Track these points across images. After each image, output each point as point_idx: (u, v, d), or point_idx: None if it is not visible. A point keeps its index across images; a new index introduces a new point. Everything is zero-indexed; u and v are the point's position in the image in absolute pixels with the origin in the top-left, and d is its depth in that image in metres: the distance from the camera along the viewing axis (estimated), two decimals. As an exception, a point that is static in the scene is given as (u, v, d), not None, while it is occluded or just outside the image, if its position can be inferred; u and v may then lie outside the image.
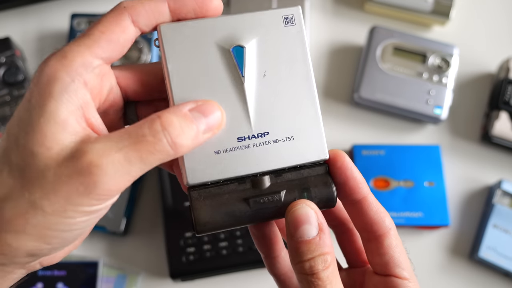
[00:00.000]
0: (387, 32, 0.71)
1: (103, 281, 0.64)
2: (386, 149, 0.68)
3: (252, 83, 0.30)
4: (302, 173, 0.30)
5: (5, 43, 0.70)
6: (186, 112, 0.27)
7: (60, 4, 0.75)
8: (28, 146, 0.25)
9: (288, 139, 0.30)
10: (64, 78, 0.26)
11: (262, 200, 0.29)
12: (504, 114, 0.69)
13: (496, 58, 0.74)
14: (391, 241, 0.30)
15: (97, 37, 0.27)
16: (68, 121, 0.25)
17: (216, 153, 0.29)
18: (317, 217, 0.28)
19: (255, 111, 0.29)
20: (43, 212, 0.24)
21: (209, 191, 0.29)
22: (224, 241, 0.62)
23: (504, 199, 0.66)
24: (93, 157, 0.24)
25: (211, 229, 0.29)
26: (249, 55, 0.30)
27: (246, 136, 0.29)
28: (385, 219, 0.31)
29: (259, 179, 0.29)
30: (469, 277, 0.66)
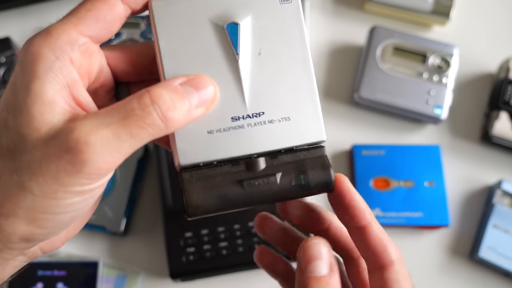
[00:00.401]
0: (387, 32, 0.71)
1: (103, 281, 0.64)
2: (386, 149, 0.68)
3: (247, 61, 0.29)
4: (299, 155, 0.29)
5: (5, 43, 0.70)
6: (177, 86, 0.26)
7: (60, 4, 0.75)
8: (16, 129, 0.24)
9: (284, 120, 0.29)
10: (49, 56, 0.25)
11: (257, 182, 0.28)
12: (504, 114, 0.69)
13: (496, 58, 0.74)
14: (391, 275, 0.29)
15: (83, 14, 0.26)
16: (55, 100, 0.25)
17: (209, 133, 0.28)
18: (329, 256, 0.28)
19: (250, 90, 0.28)
20: (32, 195, 0.24)
21: (201, 172, 0.28)
22: (224, 241, 0.62)
23: (504, 199, 0.66)
24: (81, 134, 0.23)
25: (203, 212, 0.28)
26: (243, 33, 0.29)
27: (240, 116, 0.28)
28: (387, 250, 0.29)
29: (254, 161, 0.28)
30: (469, 277, 0.66)
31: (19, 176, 0.24)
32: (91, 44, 0.27)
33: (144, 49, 0.30)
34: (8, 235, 0.24)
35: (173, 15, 0.28)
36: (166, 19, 0.28)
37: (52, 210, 0.24)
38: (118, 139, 0.24)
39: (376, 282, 0.29)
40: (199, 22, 0.28)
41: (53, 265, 0.63)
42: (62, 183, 0.24)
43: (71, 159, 0.23)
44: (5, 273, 0.27)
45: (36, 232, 0.25)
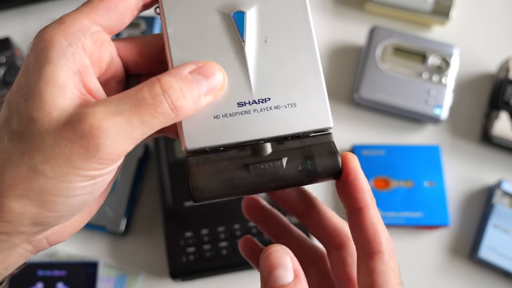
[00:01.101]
0: (387, 32, 0.71)
1: (103, 281, 0.64)
2: (386, 149, 0.68)
3: (253, 48, 0.29)
4: (305, 141, 0.29)
5: (5, 43, 0.70)
6: (186, 74, 0.26)
7: (60, 4, 0.75)
8: (27, 112, 0.25)
9: (290, 106, 0.29)
10: (62, 42, 0.26)
11: (263, 167, 0.28)
12: (504, 114, 0.69)
13: (496, 58, 0.74)
14: (378, 266, 0.28)
15: (95, 4, 0.27)
16: (66, 85, 0.25)
17: (215, 118, 0.28)
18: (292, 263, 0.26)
19: (256, 76, 0.29)
20: (45, 177, 0.24)
21: (208, 157, 0.28)
22: (224, 241, 0.62)
23: (504, 199, 0.66)
24: (94, 120, 0.24)
25: (209, 196, 0.28)
26: (250, 21, 0.29)
27: (246, 101, 0.28)
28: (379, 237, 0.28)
29: (260, 146, 0.28)
30: (469, 277, 0.66)
31: (31, 159, 0.24)
32: (103, 33, 0.28)
33: (154, 40, 0.31)
34: (19, 217, 0.25)
35: (181, 4, 0.29)
36: (174, 7, 0.29)
37: (63, 193, 0.25)
38: (130, 126, 0.24)
39: (362, 272, 0.29)
40: (207, 11, 0.29)
41: (53, 265, 0.63)
42: (74, 166, 0.24)
43: (85, 144, 0.24)
44: (10, 261, 0.27)
45: (47, 215, 0.25)
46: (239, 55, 0.29)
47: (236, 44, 0.29)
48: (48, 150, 0.24)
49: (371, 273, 0.28)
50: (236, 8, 0.29)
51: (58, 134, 0.24)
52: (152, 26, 0.71)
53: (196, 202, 0.28)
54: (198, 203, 0.28)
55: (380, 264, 0.28)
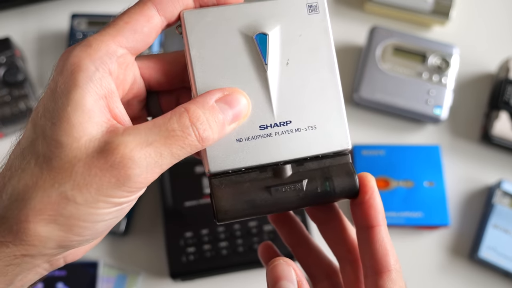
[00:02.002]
0: (387, 32, 0.71)
1: (103, 281, 0.64)
2: (386, 149, 0.68)
3: (275, 71, 0.29)
4: (324, 163, 0.30)
5: (5, 43, 0.70)
6: (213, 104, 0.27)
7: (60, 4, 0.75)
8: (55, 136, 0.25)
9: (310, 128, 0.29)
10: (89, 67, 0.26)
11: (284, 189, 0.29)
12: (504, 114, 0.69)
13: (496, 58, 0.74)
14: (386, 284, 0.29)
15: (121, 27, 0.27)
16: (94, 110, 0.25)
17: (238, 141, 0.29)
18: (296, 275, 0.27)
19: (278, 99, 0.29)
20: (74, 204, 0.24)
21: (230, 179, 0.29)
22: (224, 241, 0.62)
23: (504, 199, 0.66)
24: (126, 151, 0.24)
25: (232, 217, 0.29)
26: (272, 43, 0.29)
27: (268, 124, 0.29)
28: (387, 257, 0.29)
29: (281, 168, 0.29)
30: (469, 277, 0.66)
31: (61, 185, 0.24)
32: (128, 56, 0.28)
33: (175, 57, 0.31)
34: (45, 241, 0.25)
35: (204, 25, 0.29)
36: (197, 29, 0.29)
37: (91, 218, 0.25)
38: (160, 156, 0.25)
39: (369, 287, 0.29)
40: (229, 32, 0.29)
41: (53, 265, 0.63)
42: (104, 194, 0.25)
43: (116, 173, 0.24)
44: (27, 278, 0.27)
45: (73, 239, 0.26)
46: (262, 78, 0.29)
47: (258, 67, 0.29)
48: (79, 177, 0.24)
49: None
50: (259, 29, 0.29)
51: (89, 161, 0.25)
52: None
53: (219, 222, 0.29)
54: (221, 223, 0.29)
55: (389, 282, 0.29)
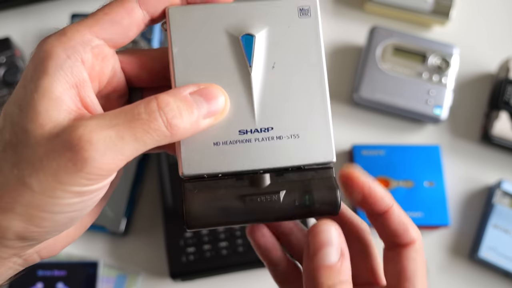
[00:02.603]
0: (387, 32, 0.71)
1: (103, 281, 0.64)
2: (386, 149, 0.68)
3: (259, 74, 0.28)
4: (306, 175, 0.28)
5: (5, 43, 0.70)
6: (186, 95, 0.26)
7: (60, 4, 0.75)
8: (21, 124, 0.24)
9: (293, 137, 0.28)
10: (60, 54, 0.25)
11: (259, 199, 0.27)
12: (504, 114, 0.69)
13: (496, 58, 0.74)
14: (410, 253, 0.28)
15: (100, 17, 0.27)
16: (62, 98, 0.25)
17: (215, 144, 0.27)
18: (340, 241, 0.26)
19: (260, 104, 0.28)
20: (31, 191, 0.23)
21: (205, 184, 0.27)
22: (224, 241, 0.62)
23: (504, 199, 0.66)
24: (84, 132, 0.23)
25: (202, 224, 0.27)
26: (258, 45, 0.28)
27: (248, 129, 0.28)
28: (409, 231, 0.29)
29: (259, 177, 0.27)
30: (469, 277, 0.66)
31: (20, 171, 0.24)
32: (105, 47, 0.27)
33: (159, 54, 0.30)
34: (4, 231, 0.24)
35: (189, 22, 0.28)
36: (181, 25, 0.28)
37: (50, 209, 0.24)
38: (122, 140, 0.24)
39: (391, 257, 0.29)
40: (215, 31, 0.28)
41: (53, 265, 0.63)
42: (61, 181, 0.23)
43: (73, 157, 0.23)
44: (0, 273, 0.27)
45: (33, 230, 0.25)
46: (245, 80, 0.28)
47: (242, 68, 0.28)
48: (37, 162, 0.23)
49: (403, 259, 0.28)
50: (245, 30, 0.28)
51: (48, 146, 0.24)
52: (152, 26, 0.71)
53: (189, 229, 0.28)
54: (191, 230, 0.28)
55: (413, 253, 0.28)
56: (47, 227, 0.25)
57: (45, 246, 0.28)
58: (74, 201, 0.25)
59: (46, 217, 0.24)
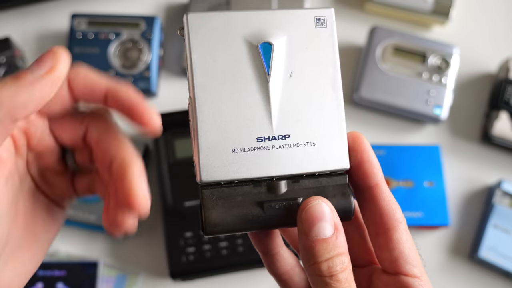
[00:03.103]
0: (387, 32, 0.71)
1: (103, 281, 0.64)
2: (386, 149, 0.68)
3: (277, 82, 0.28)
4: (321, 182, 0.28)
5: (5, 43, 0.70)
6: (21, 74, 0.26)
7: (60, 4, 0.75)
8: None
9: (309, 144, 0.28)
10: None
11: (277, 206, 0.28)
12: (504, 114, 0.69)
13: (496, 58, 0.74)
14: (401, 235, 0.29)
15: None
16: None
17: (233, 151, 0.28)
18: (333, 215, 0.27)
19: (278, 112, 0.28)
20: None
21: (222, 191, 0.28)
22: (224, 241, 0.62)
23: (504, 199, 0.66)
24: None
25: (221, 231, 0.28)
26: (277, 53, 0.28)
27: (266, 136, 0.28)
28: (396, 211, 0.29)
29: (276, 184, 0.28)
30: (469, 277, 0.66)
31: None
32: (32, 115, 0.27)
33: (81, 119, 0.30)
34: None
35: (208, 29, 0.28)
36: (200, 32, 0.28)
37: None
38: None
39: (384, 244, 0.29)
40: (233, 39, 0.28)
41: (53, 265, 0.63)
42: None
43: None
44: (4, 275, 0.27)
45: None
46: (263, 88, 0.28)
47: (260, 76, 0.28)
48: None
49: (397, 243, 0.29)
50: (264, 38, 0.28)
51: None
52: (152, 26, 0.71)
53: (207, 236, 0.28)
54: (209, 236, 0.28)
55: (404, 234, 0.29)
56: None
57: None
58: None
59: None
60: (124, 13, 0.73)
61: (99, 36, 0.71)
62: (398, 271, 0.29)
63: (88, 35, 0.70)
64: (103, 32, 0.71)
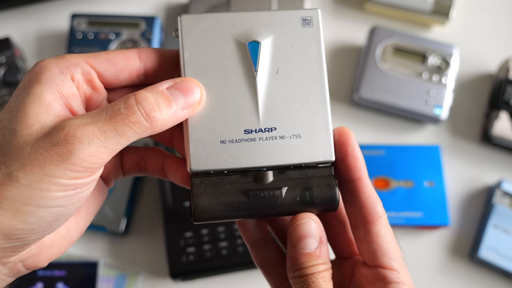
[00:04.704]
0: (387, 32, 0.71)
1: (103, 281, 0.64)
2: (386, 149, 0.68)
3: (264, 78, 0.30)
4: (306, 173, 0.30)
5: (5, 43, 0.70)
6: (162, 89, 0.28)
7: (60, 4, 0.75)
8: (10, 126, 0.26)
9: (295, 137, 0.30)
10: (54, 69, 0.27)
11: (263, 194, 0.29)
12: (504, 114, 0.69)
13: (496, 58, 0.74)
14: (380, 229, 0.30)
15: (99, 54, 0.29)
16: (52, 104, 0.26)
17: (222, 142, 0.29)
18: (318, 231, 0.29)
19: (265, 106, 0.30)
20: (18, 184, 0.24)
21: (211, 180, 0.29)
22: (224, 241, 0.62)
23: (504, 199, 0.66)
24: (70, 130, 0.25)
25: (208, 217, 0.29)
26: (264, 51, 0.30)
27: (253, 129, 0.30)
28: (377, 205, 0.30)
29: (262, 174, 0.29)
30: (469, 277, 0.66)
31: (7, 167, 0.25)
32: (97, 79, 0.29)
33: None
34: None
35: (200, 29, 0.30)
36: (192, 32, 0.30)
37: (36, 201, 0.25)
38: (104, 134, 0.25)
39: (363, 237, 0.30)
40: (223, 38, 0.30)
41: (53, 265, 0.63)
42: (48, 173, 0.25)
43: (59, 151, 0.25)
44: None
45: (18, 227, 0.25)
46: (250, 84, 0.30)
47: (248, 72, 0.30)
48: (25, 158, 0.25)
49: (375, 237, 0.30)
50: (252, 37, 0.30)
51: (36, 144, 0.25)
52: (152, 26, 0.71)
53: (196, 222, 0.29)
54: (198, 223, 0.29)
55: (383, 228, 0.30)
56: (32, 224, 0.25)
57: (30, 256, 0.29)
58: (60, 195, 0.25)
59: (32, 211, 0.25)
60: (124, 13, 0.73)
61: (99, 36, 0.71)
62: (376, 263, 0.30)
63: (88, 35, 0.70)
64: (103, 32, 0.71)
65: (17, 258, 0.28)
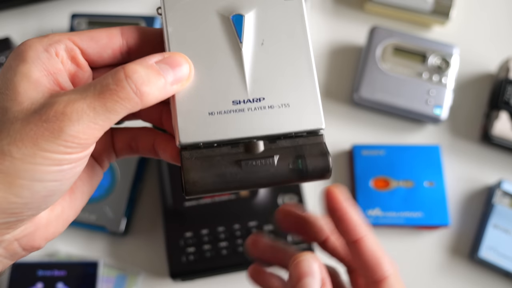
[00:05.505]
0: (387, 32, 0.71)
1: (103, 281, 0.64)
2: (386, 149, 0.68)
3: (249, 50, 0.30)
4: (297, 141, 0.30)
5: (5, 43, 0.70)
6: (152, 63, 0.27)
7: (60, 4, 0.75)
8: (1, 104, 0.26)
9: (283, 106, 0.29)
10: (38, 48, 0.27)
11: (255, 163, 0.29)
12: (504, 114, 0.69)
13: (496, 58, 0.74)
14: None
15: (81, 31, 0.29)
16: (40, 81, 0.26)
17: (210, 114, 0.29)
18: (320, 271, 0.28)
19: (252, 76, 0.30)
20: (11, 158, 0.25)
21: (201, 152, 0.29)
22: (224, 241, 0.62)
23: (504, 199, 0.66)
24: (58, 107, 0.25)
25: (200, 190, 0.28)
26: (248, 24, 0.30)
27: (241, 99, 0.29)
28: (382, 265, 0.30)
29: (253, 143, 0.29)
30: (469, 277, 0.66)
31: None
32: (80, 56, 0.29)
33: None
34: None
35: (183, 4, 0.30)
36: (175, 8, 0.30)
37: (29, 175, 0.25)
38: (93, 110, 0.25)
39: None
40: (207, 12, 0.30)
41: (53, 265, 0.63)
42: (41, 148, 0.25)
43: (49, 127, 0.25)
44: None
45: (13, 200, 0.25)
46: (236, 56, 0.30)
47: (233, 45, 0.30)
48: (15, 133, 0.25)
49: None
50: (235, 11, 0.30)
51: (26, 119, 0.25)
52: (152, 26, 0.71)
53: (188, 196, 0.29)
54: (190, 197, 0.29)
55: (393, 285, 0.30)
56: (26, 198, 0.25)
57: (25, 234, 0.28)
58: (54, 169, 0.25)
59: (25, 184, 0.25)
60: (124, 13, 0.73)
61: (99, 36, 0.71)
62: None
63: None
64: (103, 32, 0.71)
65: (12, 237, 0.28)
